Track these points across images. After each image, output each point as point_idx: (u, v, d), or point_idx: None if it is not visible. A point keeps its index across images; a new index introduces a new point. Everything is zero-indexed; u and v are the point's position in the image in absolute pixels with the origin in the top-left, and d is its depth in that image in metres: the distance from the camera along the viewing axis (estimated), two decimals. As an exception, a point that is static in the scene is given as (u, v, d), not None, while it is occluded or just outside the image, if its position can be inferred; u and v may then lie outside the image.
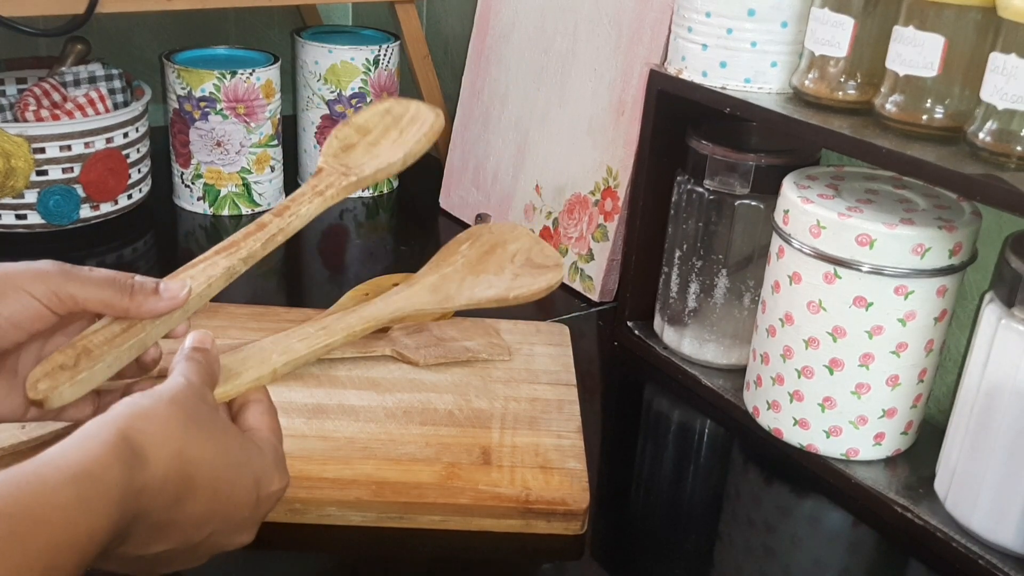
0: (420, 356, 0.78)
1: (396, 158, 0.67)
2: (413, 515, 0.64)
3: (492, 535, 0.64)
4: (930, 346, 0.69)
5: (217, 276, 0.59)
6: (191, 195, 1.11)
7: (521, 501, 0.64)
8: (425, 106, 0.71)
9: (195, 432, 0.48)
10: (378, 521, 0.64)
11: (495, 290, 0.67)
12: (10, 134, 0.94)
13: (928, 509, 0.67)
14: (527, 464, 0.68)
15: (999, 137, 0.58)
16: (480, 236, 0.72)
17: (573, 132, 0.98)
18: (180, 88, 1.06)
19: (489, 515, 0.64)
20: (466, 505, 0.64)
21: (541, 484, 0.66)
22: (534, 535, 0.64)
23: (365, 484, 0.64)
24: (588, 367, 0.86)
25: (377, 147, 0.69)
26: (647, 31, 0.90)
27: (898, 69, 0.64)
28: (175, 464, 0.47)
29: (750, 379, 0.77)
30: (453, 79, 1.24)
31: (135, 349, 0.56)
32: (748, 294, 0.80)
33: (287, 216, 0.64)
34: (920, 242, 0.65)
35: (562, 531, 0.64)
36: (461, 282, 0.68)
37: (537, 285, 0.68)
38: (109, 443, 0.44)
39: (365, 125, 0.70)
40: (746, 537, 0.67)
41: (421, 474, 0.66)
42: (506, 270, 0.69)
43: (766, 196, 0.76)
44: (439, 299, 0.66)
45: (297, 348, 0.59)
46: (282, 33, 1.42)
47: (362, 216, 1.15)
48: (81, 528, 0.41)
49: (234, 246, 0.60)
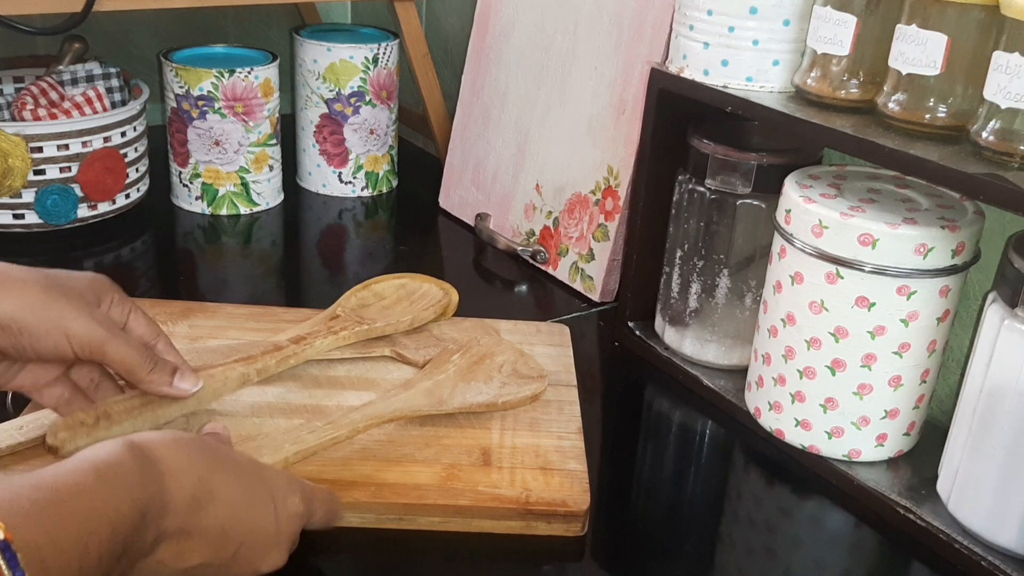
0: (420, 356, 0.78)
1: (405, 319, 0.81)
2: (413, 516, 0.64)
3: (492, 536, 0.64)
4: (932, 347, 0.69)
5: (232, 379, 0.68)
6: (189, 194, 1.10)
7: (521, 502, 0.64)
8: (436, 287, 0.85)
9: (204, 448, 0.51)
10: (377, 523, 0.64)
11: (484, 396, 0.73)
12: (7, 133, 0.93)
13: (930, 510, 0.67)
14: (527, 465, 0.68)
15: (1002, 136, 0.58)
16: (470, 348, 0.78)
17: (574, 131, 0.98)
18: (178, 87, 1.06)
19: (489, 516, 0.64)
20: (466, 506, 0.64)
21: (541, 485, 0.66)
22: (534, 537, 0.64)
23: (364, 486, 0.64)
24: (589, 367, 0.86)
25: (390, 311, 0.82)
26: (648, 29, 0.89)
27: (901, 68, 0.63)
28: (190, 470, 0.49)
29: (751, 380, 0.77)
30: (453, 78, 1.24)
31: (149, 423, 0.62)
32: (750, 294, 0.80)
33: (303, 345, 0.74)
34: (923, 242, 0.64)
35: (562, 532, 0.64)
36: (453, 388, 0.73)
37: (523, 393, 0.74)
38: (119, 445, 0.47)
39: (381, 292, 0.84)
40: (747, 538, 0.67)
41: (420, 475, 0.66)
42: (494, 379, 0.75)
43: (768, 196, 0.76)
44: (434, 402, 0.71)
45: (307, 439, 0.65)
46: (281, 31, 1.42)
47: (361, 216, 1.14)
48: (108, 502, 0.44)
49: (252, 359, 0.70)
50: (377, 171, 1.19)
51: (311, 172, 1.18)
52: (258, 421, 0.70)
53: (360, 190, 1.18)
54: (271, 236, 1.09)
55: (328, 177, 1.17)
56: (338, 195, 1.18)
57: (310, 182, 1.19)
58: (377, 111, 1.15)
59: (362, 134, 1.15)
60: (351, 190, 1.18)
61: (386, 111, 1.16)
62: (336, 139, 1.15)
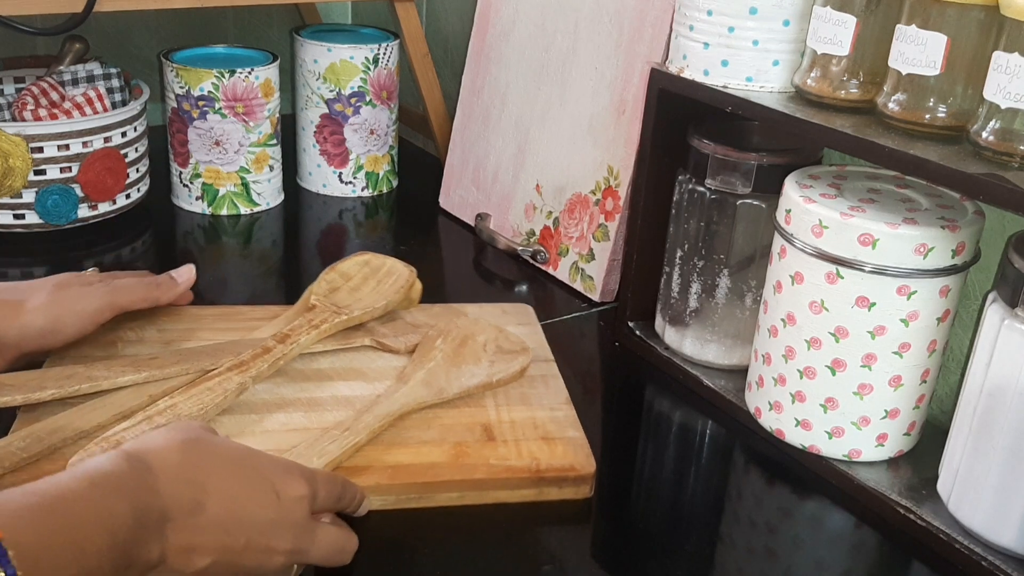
0: (400, 344, 0.80)
1: (379, 304, 0.81)
2: (431, 494, 0.66)
3: (506, 506, 0.67)
4: (933, 346, 0.69)
5: (231, 391, 0.69)
6: (189, 195, 1.10)
7: (533, 471, 0.67)
8: (400, 263, 0.86)
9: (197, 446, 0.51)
10: (397, 504, 0.66)
11: (479, 378, 0.75)
12: (8, 133, 0.93)
13: (931, 510, 0.67)
14: (529, 437, 0.71)
15: (1002, 136, 0.58)
16: (450, 332, 0.80)
17: (574, 131, 0.98)
18: (178, 87, 1.06)
19: (504, 487, 0.67)
20: (481, 479, 0.66)
21: (547, 454, 0.69)
22: (546, 503, 0.67)
23: (380, 469, 0.66)
24: (589, 367, 0.86)
25: (359, 292, 0.83)
26: (648, 29, 0.89)
27: (900, 68, 0.63)
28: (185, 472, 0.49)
29: (752, 380, 0.77)
30: (453, 78, 1.24)
31: None
32: (750, 294, 0.80)
33: (289, 343, 0.75)
34: (923, 242, 0.64)
35: (572, 496, 0.68)
36: (447, 374, 0.75)
37: (513, 368, 0.77)
38: (114, 454, 0.48)
39: (347, 272, 0.85)
40: (748, 538, 0.67)
41: (432, 455, 0.68)
42: (482, 360, 0.77)
43: (768, 195, 0.76)
44: (434, 392, 0.73)
45: (331, 450, 0.66)
46: (281, 32, 1.42)
47: (361, 216, 1.14)
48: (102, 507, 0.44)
49: (244, 365, 0.71)
50: (377, 171, 1.19)
51: (311, 172, 1.18)
52: (256, 418, 0.70)
53: (360, 190, 1.18)
54: (271, 236, 1.09)
55: (328, 177, 1.17)
56: (338, 195, 1.18)
57: (310, 182, 1.19)
58: (377, 111, 1.15)
59: (362, 134, 1.15)
60: (351, 190, 1.18)
61: (386, 111, 1.16)
62: (336, 139, 1.15)
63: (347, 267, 0.85)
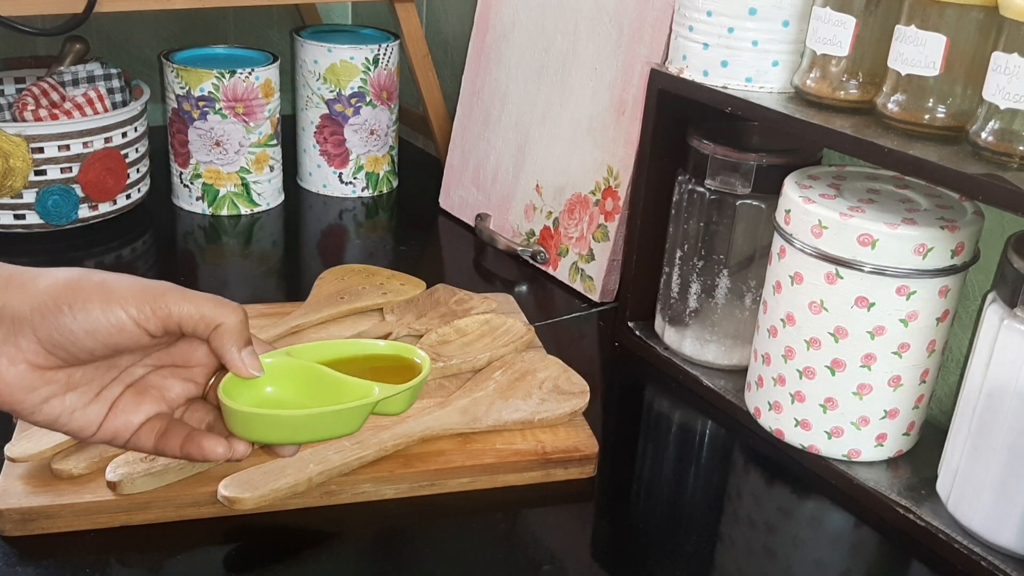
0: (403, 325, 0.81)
1: (482, 357, 0.78)
2: (443, 480, 0.68)
3: (514, 489, 0.69)
4: (932, 347, 0.69)
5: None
6: (190, 195, 1.10)
7: (540, 454, 0.69)
8: (519, 323, 0.83)
9: None
10: (410, 491, 0.67)
11: (521, 414, 0.72)
12: (8, 134, 0.93)
13: (930, 510, 0.67)
14: None
15: (1001, 137, 0.58)
16: (513, 364, 0.77)
17: (574, 131, 0.98)
18: (179, 87, 1.06)
19: (513, 470, 0.69)
20: (491, 464, 0.68)
21: (551, 437, 0.71)
22: (552, 483, 0.70)
23: (393, 457, 0.67)
24: (589, 367, 0.86)
25: (470, 348, 0.79)
26: (648, 30, 0.90)
27: (900, 68, 0.63)
28: None
29: (751, 380, 0.77)
30: (453, 78, 1.24)
31: (201, 466, 0.64)
32: (749, 294, 0.80)
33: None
34: (922, 242, 0.64)
35: (578, 475, 0.70)
36: (490, 405, 0.73)
37: (562, 410, 0.73)
38: None
39: (465, 329, 0.81)
40: (747, 538, 0.67)
41: (440, 442, 0.69)
42: (534, 395, 0.74)
43: (767, 196, 0.76)
44: (467, 420, 0.71)
45: (332, 459, 0.65)
46: (281, 32, 1.42)
47: (362, 216, 1.15)
48: None
49: None
50: (377, 171, 1.19)
51: (311, 172, 1.18)
52: None
53: (360, 190, 1.18)
54: (271, 236, 1.09)
55: (328, 177, 1.18)
56: (338, 195, 1.18)
57: (311, 182, 1.19)
58: (377, 111, 1.15)
59: (362, 134, 1.15)
60: (351, 190, 1.18)
61: (386, 111, 1.16)
62: (336, 139, 1.15)
63: (466, 324, 0.82)
